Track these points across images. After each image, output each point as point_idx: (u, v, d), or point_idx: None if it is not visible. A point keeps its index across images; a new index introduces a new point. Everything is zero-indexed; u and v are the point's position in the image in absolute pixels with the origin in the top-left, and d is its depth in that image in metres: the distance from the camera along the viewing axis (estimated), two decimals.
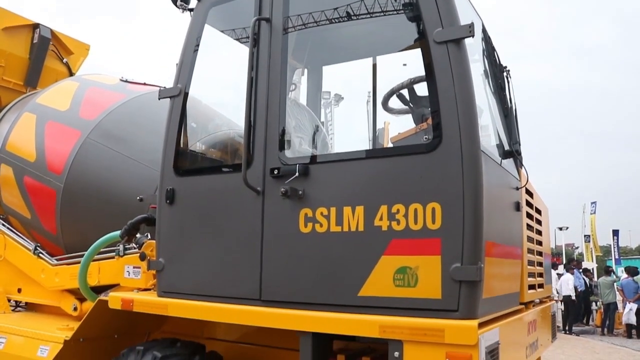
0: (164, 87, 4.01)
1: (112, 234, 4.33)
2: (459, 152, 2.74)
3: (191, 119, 4.05)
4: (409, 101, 3.66)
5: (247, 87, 3.31)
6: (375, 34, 4.41)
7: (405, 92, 3.72)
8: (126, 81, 5.74)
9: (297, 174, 3.09)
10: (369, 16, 4.13)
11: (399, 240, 2.82)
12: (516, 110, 3.89)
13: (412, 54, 3.49)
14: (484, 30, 3.87)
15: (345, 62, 4.96)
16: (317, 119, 4.54)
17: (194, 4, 3.90)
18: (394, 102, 3.94)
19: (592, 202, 28.84)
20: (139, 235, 4.19)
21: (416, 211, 2.80)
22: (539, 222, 4.49)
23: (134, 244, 4.24)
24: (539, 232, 4.46)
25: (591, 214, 28.25)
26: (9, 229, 5.71)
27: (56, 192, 5.02)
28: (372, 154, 3.31)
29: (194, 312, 3.49)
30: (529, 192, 4.12)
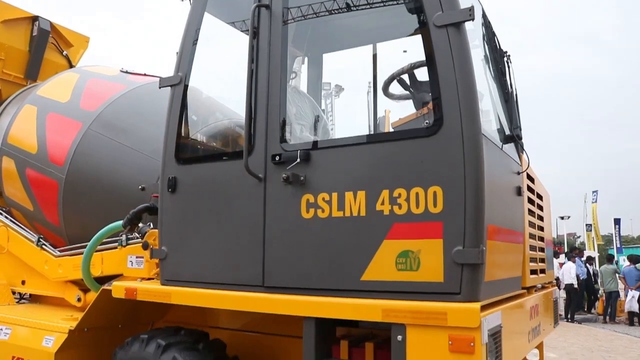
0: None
1: (115, 224, 4.35)
2: (460, 135, 2.74)
3: (192, 111, 4.05)
4: (410, 86, 3.66)
5: (247, 74, 3.30)
6: (375, 20, 4.40)
7: (405, 77, 3.72)
8: (127, 72, 5.74)
9: (298, 160, 3.10)
10: (368, 4, 4.12)
11: (400, 224, 2.83)
12: (517, 95, 3.89)
13: (412, 41, 3.48)
14: (484, 15, 3.86)
15: (345, 50, 4.95)
16: (317, 106, 4.54)
17: None
18: (395, 88, 3.93)
19: (593, 191, 28.84)
20: (141, 224, 4.20)
21: (418, 195, 2.81)
22: (541, 207, 4.50)
23: (136, 234, 4.25)
24: (541, 218, 4.47)
25: (593, 202, 28.24)
26: (11, 221, 5.72)
27: (58, 183, 5.03)
28: (373, 138, 3.32)
29: (197, 299, 3.51)
30: (530, 178, 4.12)
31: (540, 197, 4.49)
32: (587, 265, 18.75)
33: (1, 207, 6.04)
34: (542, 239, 4.47)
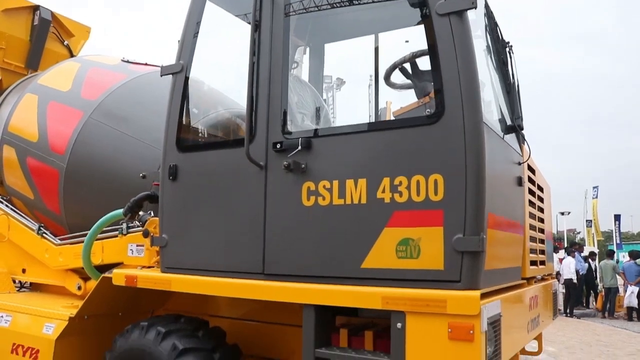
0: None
1: (115, 212, 4.35)
2: (461, 123, 2.74)
3: (193, 104, 4.04)
4: (411, 75, 3.66)
5: (249, 62, 3.30)
6: (377, 9, 4.38)
7: (407, 66, 3.72)
8: (128, 62, 5.72)
9: (299, 148, 3.10)
10: None
11: (401, 212, 2.83)
12: (519, 85, 3.88)
13: (414, 31, 3.48)
14: (487, 5, 3.85)
15: (347, 40, 4.93)
16: (319, 95, 4.54)
17: None
18: (397, 77, 3.93)
19: (594, 187, 28.78)
20: (142, 212, 4.21)
21: (418, 183, 2.81)
22: (541, 199, 4.50)
23: (137, 222, 4.25)
24: (541, 210, 4.47)
25: (593, 198, 28.21)
26: (12, 209, 5.72)
27: (59, 172, 5.03)
28: (375, 126, 3.32)
29: (197, 287, 3.51)
30: (531, 169, 4.13)
31: (541, 189, 4.50)
32: (590, 260, 18.76)
33: (2, 196, 6.05)
34: (542, 231, 4.47)
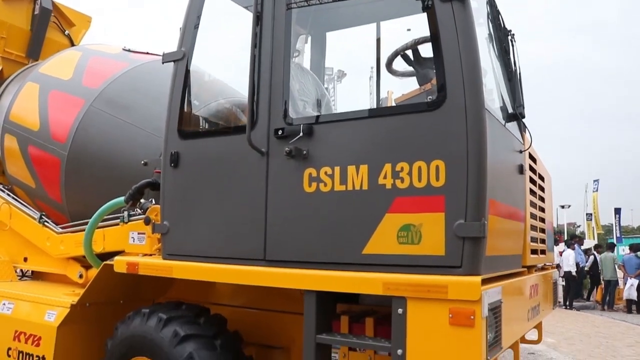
0: None
1: (117, 200, 4.36)
2: (463, 109, 2.74)
3: (195, 92, 4.03)
4: (413, 62, 3.65)
5: (250, 48, 3.30)
6: None
7: (409, 53, 3.71)
8: (129, 50, 5.72)
9: (301, 134, 3.10)
10: None
11: (402, 198, 2.84)
12: (520, 74, 3.88)
13: (416, 19, 3.47)
14: None
15: (349, 28, 4.92)
16: (320, 83, 4.54)
17: None
18: (398, 65, 3.92)
19: (594, 180, 28.82)
20: (143, 200, 4.21)
21: (420, 169, 2.81)
22: (542, 189, 4.50)
23: (138, 209, 4.26)
24: (542, 199, 4.48)
25: (593, 191, 28.24)
26: (14, 198, 5.73)
27: (60, 160, 5.03)
28: (377, 112, 3.31)
29: (198, 273, 3.53)
30: (533, 158, 4.12)
31: (542, 178, 4.50)
32: (595, 252, 18.79)
33: (3, 185, 6.06)
34: (542, 220, 4.48)
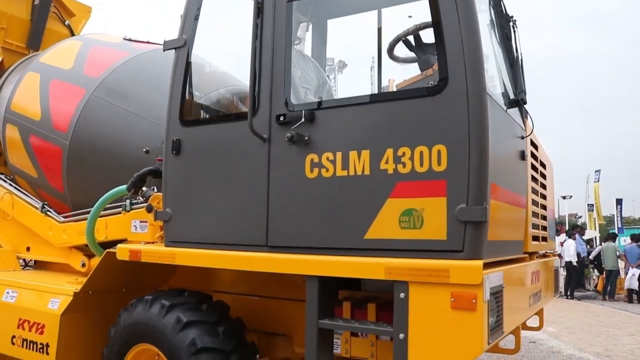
0: None
1: (119, 188, 4.37)
2: (464, 93, 2.74)
3: (196, 79, 4.03)
4: (415, 47, 3.65)
5: (252, 34, 3.29)
6: None
7: (411, 39, 3.70)
8: (130, 40, 5.71)
9: (303, 120, 3.10)
10: None
11: (404, 182, 2.84)
12: (522, 60, 3.87)
13: (417, 5, 3.47)
14: None
15: (350, 15, 4.90)
16: (322, 71, 4.53)
17: None
18: (400, 51, 3.91)
19: (596, 170, 28.80)
20: (145, 188, 4.22)
21: (422, 154, 2.81)
22: (544, 176, 4.51)
23: (140, 197, 4.27)
24: (544, 186, 4.48)
25: (595, 182, 28.23)
26: (16, 188, 5.74)
27: (62, 149, 5.04)
28: (378, 98, 3.30)
29: (201, 260, 3.54)
30: (534, 145, 4.12)
31: (543, 165, 4.50)
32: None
33: (5, 175, 6.07)
34: (544, 208, 4.48)
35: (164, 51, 3.89)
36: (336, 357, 3.42)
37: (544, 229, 4.45)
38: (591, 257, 18.56)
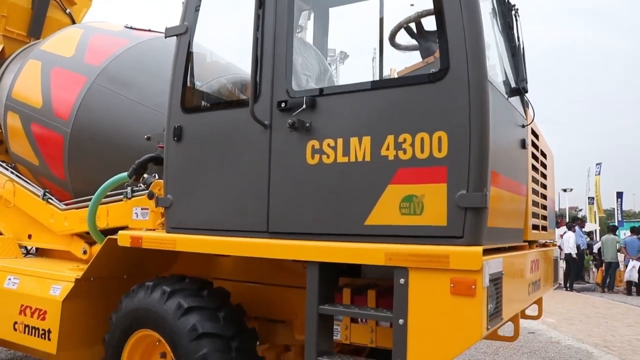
0: None
1: (120, 175, 4.38)
2: (466, 80, 2.74)
3: (197, 67, 4.02)
4: (416, 35, 3.65)
5: (254, 20, 3.29)
6: None
7: (412, 26, 3.70)
8: (131, 28, 5.70)
9: (304, 106, 3.11)
10: None
11: (405, 169, 2.85)
12: (524, 48, 3.87)
13: None
14: None
15: (352, 3, 4.89)
16: (323, 58, 4.53)
17: None
18: (401, 39, 3.91)
19: (597, 164, 28.78)
20: (146, 175, 4.23)
21: (423, 140, 2.82)
22: (544, 165, 4.51)
23: (141, 184, 4.28)
24: (544, 176, 4.48)
25: (596, 175, 28.22)
26: (17, 176, 5.75)
27: (63, 137, 5.05)
28: (380, 84, 3.31)
29: (202, 246, 3.55)
30: (535, 134, 4.13)
31: (544, 155, 4.50)
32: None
33: (7, 163, 6.08)
34: (544, 197, 4.49)
35: (166, 38, 3.89)
36: (336, 344, 3.44)
37: (544, 218, 4.46)
38: (595, 250, 18.63)
